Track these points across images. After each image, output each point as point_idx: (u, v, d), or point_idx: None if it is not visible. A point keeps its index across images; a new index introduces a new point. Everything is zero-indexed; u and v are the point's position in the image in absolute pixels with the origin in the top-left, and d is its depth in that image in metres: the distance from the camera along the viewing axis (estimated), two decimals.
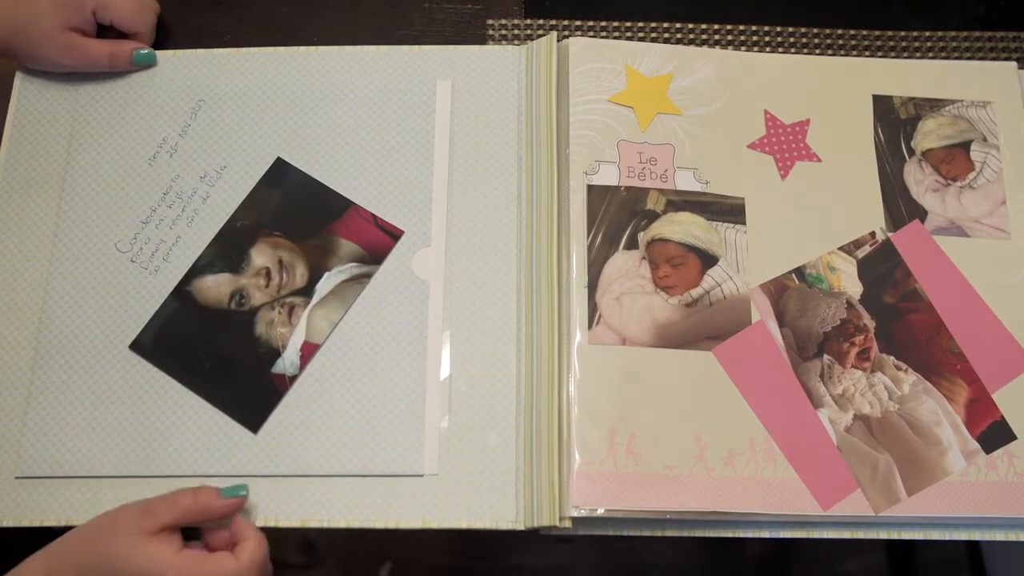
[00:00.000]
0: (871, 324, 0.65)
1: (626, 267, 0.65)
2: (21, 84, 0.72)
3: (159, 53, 0.72)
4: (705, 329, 0.64)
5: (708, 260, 0.66)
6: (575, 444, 0.61)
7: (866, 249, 0.67)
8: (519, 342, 0.65)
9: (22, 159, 0.70)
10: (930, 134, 0.70)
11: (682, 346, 0.64)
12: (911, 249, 0.67)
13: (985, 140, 0.70)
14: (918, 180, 0.69)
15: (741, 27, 0.75)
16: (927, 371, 0.64)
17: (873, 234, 0.67)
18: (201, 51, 0.73)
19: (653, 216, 0.67)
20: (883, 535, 0.62)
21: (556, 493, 0.59)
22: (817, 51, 0.74)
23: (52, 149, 0.70)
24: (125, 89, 0.71)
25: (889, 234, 0.67)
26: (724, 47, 0.74)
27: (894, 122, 0.70)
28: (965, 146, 0.70)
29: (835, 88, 0.71)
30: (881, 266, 0.66)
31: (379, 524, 0.61)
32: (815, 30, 0.75)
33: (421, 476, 0.62)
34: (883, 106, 0.71)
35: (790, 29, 0.75)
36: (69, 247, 0.67)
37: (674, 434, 0.62)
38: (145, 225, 0.68)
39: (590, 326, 0.63)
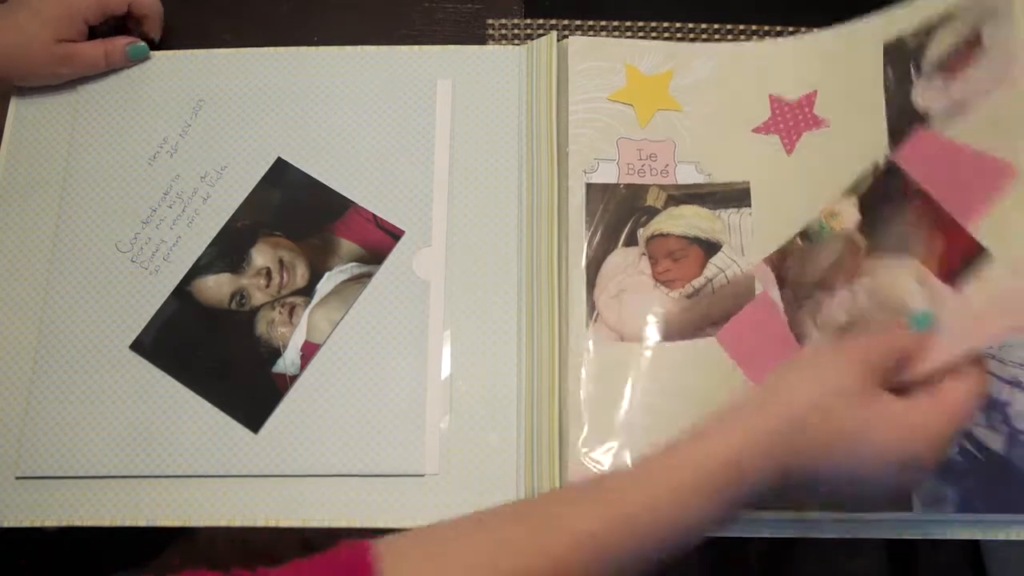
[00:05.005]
0: (863, 244, 0.60)
1: (625, 263, 0.65)
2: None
3: (160, 54, 0.72)
4: (709, 315, 0.63)
5: (711, 249, 0.65)
6: (575, 442, 0.61)
7: (868, 181, 0.61)
8: (519, 341, 0.65)
9: (23, 159, 0.70)
10: (941, 42, 0.61)
11: (684, 337, 0.63)
12: (915, 160, 0.58)
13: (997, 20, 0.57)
14: (926, 95, 0.60)
15: (741, 26, 0.75)
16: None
17: (876, 165, 0.61)
18: (201, 51, 0.72)
19: (653, 212, 0.66)
20: (883, 535, 0.62)
21: None
22: None
23: (52, 149, 0.70)
24: (125, 89, 0.71)
25: (888, 155, 0.60)
26: None
27: (904, 52, 0.63)
28: (975, 37, 0.58)
29: (841, 53, 0.67)
30: (883, 191, 0.60)
31: (380, 524, 0.61)
32: (815, 29, 0.75)
33: (422, 476, 0.62)
34: (893, 49, 0.64)
35: (790, 28, 0.75)
36: (69, 247, 0.67)
37: (675, 432, 0.61)
38: (145, 225, 0.68)
39: (590, 324, 0.63)
